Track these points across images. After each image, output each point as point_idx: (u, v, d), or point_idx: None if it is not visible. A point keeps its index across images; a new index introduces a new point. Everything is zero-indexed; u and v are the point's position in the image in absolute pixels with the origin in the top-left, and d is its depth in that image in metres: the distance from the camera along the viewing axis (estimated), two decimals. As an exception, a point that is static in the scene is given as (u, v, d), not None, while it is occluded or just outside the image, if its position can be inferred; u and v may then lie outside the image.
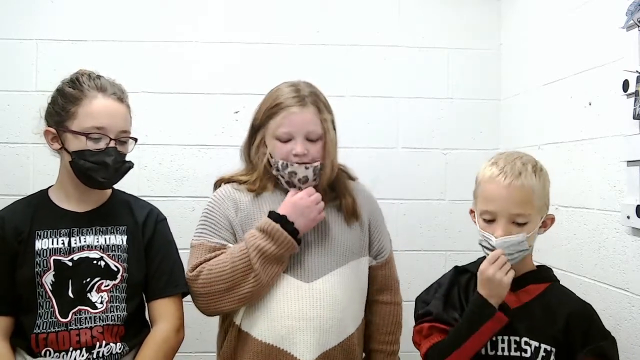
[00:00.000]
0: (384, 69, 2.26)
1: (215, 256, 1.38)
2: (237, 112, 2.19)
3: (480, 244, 1.33)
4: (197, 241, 1.42)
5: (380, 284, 1.52)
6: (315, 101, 1.42)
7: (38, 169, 2.13)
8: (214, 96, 2.22)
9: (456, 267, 1.44)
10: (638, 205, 1.43)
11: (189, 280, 1.38)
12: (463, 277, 1.40)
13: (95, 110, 1.31)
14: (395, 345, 1.52)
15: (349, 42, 2.25)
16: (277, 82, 1.47)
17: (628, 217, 1.46)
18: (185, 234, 1.47)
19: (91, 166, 1.31)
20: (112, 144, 1.32)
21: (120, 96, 1.37)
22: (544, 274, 1.37)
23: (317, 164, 1.42)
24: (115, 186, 1.47)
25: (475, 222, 1.35)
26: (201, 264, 1.38)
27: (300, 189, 1.41)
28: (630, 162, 1.47)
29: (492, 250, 1.28)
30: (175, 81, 2.21)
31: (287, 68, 2.18)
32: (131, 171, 1.40)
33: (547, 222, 1.34)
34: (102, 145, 1.31)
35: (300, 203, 1.37)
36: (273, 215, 1.36)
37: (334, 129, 1.46)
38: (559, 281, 1.37)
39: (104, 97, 1.33)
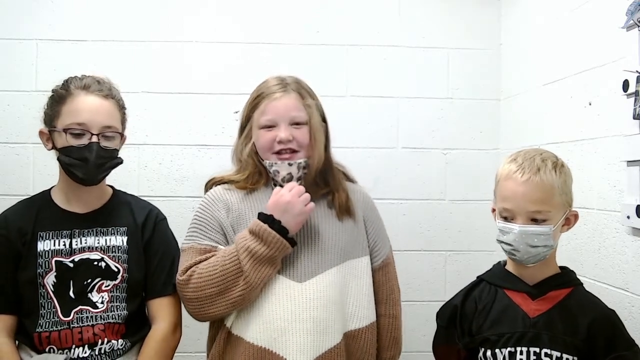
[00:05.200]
0: (384, 69, 2.26)
1: (205, 259, 1.34)
2: (237, 112, 2.16)
3: (497, 240, 1.29)
4: (187, 244, 1.39)
5: (376, 293, 1.46)
6: (297, 88, 1.41)
7: (38, 169, 2.13)
8: (214, 96, 2.22)
9: (468, 288, 1.40)
10: (638, 205, 1.43)
11: (179, 284, 1.34)
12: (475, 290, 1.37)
13: (77, 107, 1.33)
14: None
15: (349, 42, 2.25)
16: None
17: (628, 217, 1.46)
18: (185, 234, 1.45)
19: (73, 162, 1.32)
20: (94, 139, 1.33)
21: (107, 93, 1.38)
22: (566, 278, 1.32)
23: (301, 160, 1.39)
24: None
25: (496, 220, 1.31)
26: (191, 267, 1.33)
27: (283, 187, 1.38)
28: (630, 162, 1.47)
29: (509, 245, 1.24)
30: (175, 81, 2.20)
31: (287, 68, 2.16)
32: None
33: (571, 220, 1.29)
34: (84, 141, 1.32)
35: (281, 200, 1.32)
36: (261, 216, 1.33)
37: (323, 117, 1.43)
38: (582, 284, 1.33)
39: (86, 95, 1.35)
